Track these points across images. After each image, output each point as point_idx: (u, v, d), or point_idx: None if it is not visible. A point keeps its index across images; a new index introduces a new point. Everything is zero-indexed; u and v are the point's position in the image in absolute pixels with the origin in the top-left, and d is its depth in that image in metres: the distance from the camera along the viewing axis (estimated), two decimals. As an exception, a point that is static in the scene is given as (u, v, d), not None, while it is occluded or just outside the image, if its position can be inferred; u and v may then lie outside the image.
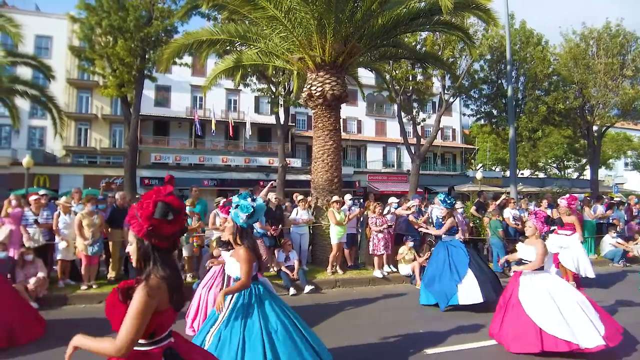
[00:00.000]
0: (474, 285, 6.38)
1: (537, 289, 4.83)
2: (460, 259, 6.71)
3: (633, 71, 23.24)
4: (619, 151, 46.02)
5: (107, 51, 15.73)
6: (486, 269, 6.81)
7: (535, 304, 4.72)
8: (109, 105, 32.19)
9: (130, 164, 17.20)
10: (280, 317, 3.70)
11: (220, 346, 3.46)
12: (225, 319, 3.63)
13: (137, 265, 2.13)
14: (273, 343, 3.49)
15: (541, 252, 4.90)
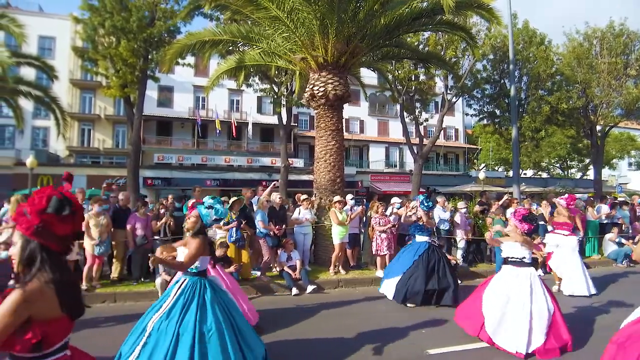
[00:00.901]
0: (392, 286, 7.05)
1: (504, 282, 5.02)
2: (408, 257, 7.21)
3: (637, 71, 23.11)
4: (623, 151, 45.81)
5: (110, 52, 15.76)
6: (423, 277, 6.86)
7: (493, 293, 5.00)
8: (112, 105, 32.29)
9: (133, 164, 17.23)
10: (218, 317, 3.71)
11: (157, 337, 3.53)
12: (168, 310, 3.68)
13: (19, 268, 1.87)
14: (204, 343, 3.52)
15: (521, 240, 5.02)
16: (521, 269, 5.00)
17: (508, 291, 4.91)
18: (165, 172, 29.03)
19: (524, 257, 5.01)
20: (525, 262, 5.01)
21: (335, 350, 4.98)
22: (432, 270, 6.95)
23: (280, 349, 4.97)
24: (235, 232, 8.04)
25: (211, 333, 3.57)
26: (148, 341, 3.54)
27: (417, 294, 6.78)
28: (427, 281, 6.83)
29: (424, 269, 6.91)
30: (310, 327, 5.78)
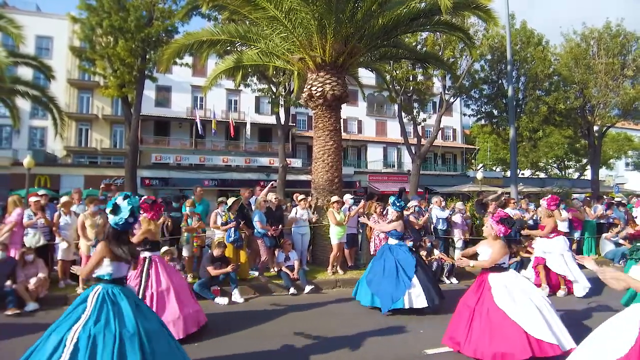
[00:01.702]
0: (419, 291, 6.36)
1: (511, 290, 4.66)
2: (407, 262, 6.61)
3: (634, 71, 23.21)
4: (620, 151, 45.96)
5: (108, 51, 15.75)
6: (431, 274, 6.78)
7: (517, 307, 4.51)
8: (109, 105, 32.24)
9: (131, 164, 17.22)
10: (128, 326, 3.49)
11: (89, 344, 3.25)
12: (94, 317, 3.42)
13: None
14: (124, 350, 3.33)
15: (497, 252, 4.79)
16: (502, 274, 4.82)
17: (521, 294, 4.62)
18: (163, 172, 28.98)
19: (503, 262, 4.84)
20: (504, 268, 4.86)
21: (333, 349, 4.98)
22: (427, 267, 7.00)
23: (277, 348, 4.97)
24: (234, 233, 8.04)
25: (132, 338, 3.40)
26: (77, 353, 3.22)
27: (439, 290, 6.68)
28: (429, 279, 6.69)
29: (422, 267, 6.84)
30: (307, 327, 5.78)
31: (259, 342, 5.20)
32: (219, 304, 6.98)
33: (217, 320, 6.12)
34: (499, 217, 4.95)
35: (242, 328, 5.80)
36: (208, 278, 7.23)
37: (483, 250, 5.05)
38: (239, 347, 5.04)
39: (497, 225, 4.86)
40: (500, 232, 4.86)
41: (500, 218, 4.92)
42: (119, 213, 3.73)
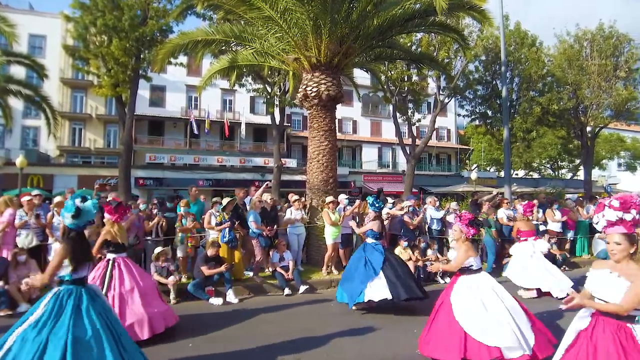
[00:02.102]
0: (382, 284, 6.34)
1: (470, 291, 4.62)
2: (375, 258, 6.61)
3: (626, 72, 23.39)
4: (612, 152, 46.32)
5: (102, 50, 15.64)
6: (401, 271, 6.59)
7: (465, 306, 4.51)
8: (103, 105, 32.05)
9: (125, 164, 17.11)
10: (95, 325, 3.48)
11: (20, 347, 3.23)
12: (36, 320, 3.41)
13: None
14: (78, 351, 3.28)
15: (461, 255, 4.73)
16: (475, 275, 4.74)
17: (476, 296, 4.56)
18: (157, 172, 28.85)
19: (470, 265, 4.75)
20: (473, 270, 4.76)
21: (323, 349, 4.99)
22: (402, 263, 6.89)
23: (272, 348, 4.97)
24: (228, 233, 8.02)
25: (88, 340, 3.36)
26: (7, 354, 3.22)
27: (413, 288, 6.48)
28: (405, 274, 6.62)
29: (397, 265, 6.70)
30: (300, 327, 5.79)
31: (246, 342, 5.20)
32: (214, 305, 6.96)
33: (209, 321, 6.11)
34: (467, 219, 4.88)
35: (234, 328, 5.80)
36: (202, 278, 7.22)
37: (453, 254, 5.00)
38: (224, 347, 5.03)
39: (467, 228, 4.81)
40: (469, 234, 4.81)
41: (469, 220, 4.87)
42: (82, 216, 3.71)
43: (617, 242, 2.93)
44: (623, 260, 2.92)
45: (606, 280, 2.93)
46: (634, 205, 2.94)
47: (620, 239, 2.93)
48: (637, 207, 2.94)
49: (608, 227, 3.01)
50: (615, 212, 2.95)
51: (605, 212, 3.00)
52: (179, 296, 7.13)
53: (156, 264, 7.15)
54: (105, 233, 5.41)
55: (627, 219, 2.92)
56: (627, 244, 2.91)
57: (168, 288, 7.06)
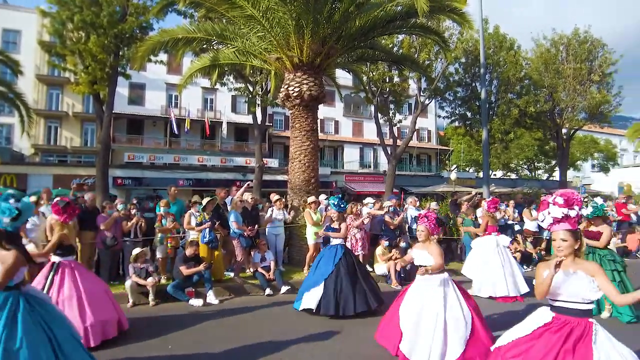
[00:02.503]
0: (317, 295, 6.28)
1: (418, 292, 4.59)
2: (325, 266, 6.48)
3: (600, 76, 24.14)
4: (586, 153, 47.67)
5: (79, 47, 15.28)
6: (346, 284, 6.32)
7: (408, 310, 4.54)
8: (80, 102, 31.32)
9: (103, 163, 16.76)
10: (31, 333, 3.30)
11: None
12: None
13: None
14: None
15: (437, 252, 4.63)
16: (433, 276, 4.60)
17: (422, 301, 4.50)
18: (136, 171, 28.37)
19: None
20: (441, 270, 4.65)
21: (312, 348, 4.99)
22: (353, 274, 6.55)
23: (253, 348, 4.95)
24: (209, 233, 7.95)
25: (20, 349, 3.19)
26: None
27: (347, 302, 6.27)
28: (353, 287, 6.39)
29: (347, 273, 6.46)
30: (284, 327, 5.78)
31: (227, 343, 5.16)
32: (194, 306, 6.89)
33: (189, 322, 6.04)
34: (434, 218, 4.78)
35: (214, 330, 5.75)
36: (182, 279, 7.14)
37: (418, 254, 4.78)
38: (205, 349, 4.99)
39: (435, 227, 4.77)
40: (433, 232, 4.77)
41: (436, 219, 4.79)
42: (22, 216, 3.53)
43: (563, 238, 2.96)
44: (569, 257, 2.95)
45: (566, 279, 2.93)
46: (577, 201, 2.96)
47: (566, 235, 2.96)
48: (579, 203, 2.97)
49: (554, 225, 3.01)
50: (561, 209, 2.95)
51: (550, 210, 3.00)
52: (159, 297, 7.03)
53: (135, 265, 7.03)
54: (60, 235, 5.09)
55: (571, 215, 2.94)
56: (573, 240, 2.95)
57: (147, 289, 6.96)
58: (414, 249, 4.96)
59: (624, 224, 13.77)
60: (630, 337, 5.31)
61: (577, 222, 2.97)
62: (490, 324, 4.84)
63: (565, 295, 2.91)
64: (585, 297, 2.86)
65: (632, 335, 5.34)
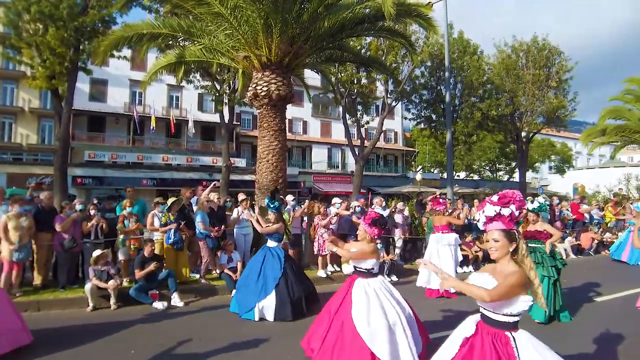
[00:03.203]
0: (271, 304, 6.13)
1: (372, 301, 4.28)
2: (271, 271, 6.32)
3: (557, 82, 25.26)
4: (544, 156, 49.84)
5: (36, 40, 14.57)
6: (296, 288, 6.33)
7: (372, 322, 4.13)
8: (37, 98, 29.91)
9: (61, 161, 16.05)
10: None
11: None
12: None
13: None
14: None
15: (361, 250, 4.45)
16: (370, 279, 4.43)
17: (380, 304, 4.24)
18: (97, 170, 27.43)
19: (372, 268, 4.46)
20: (373, 273, 4.47)
21: (280, 348, 4.97)
22: (299, 275, 6.60)
23: (219, 351, 4.88)
24: (174, 234, 7.78)
25: None
26: None
27: (301, 304, 6.27)
28: (303, 287, 6.43)
29: (294, 275, 6.44)
30: (251, 329, 5.73)
31: (192, 346, 5.08)
32: (157, 309, 6.72)
33: (152, 326, 5.91)
34: (370, 219, 4.56)
35: (179, 333, 5.63)
36: (145, 282, 6.95)
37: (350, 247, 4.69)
38: (169, 352, 4.89)
39: (370, 228, 4.52)
40: (373, 235, 4.52)
41: (372, 220, 4.55)
42: None
43: (495, 238, 2.72)
44: (503, 260, 2.71)
45: (483, 283, 2.70)
46: (513, 200, 2.73)
47: (498, 235, 2.72)
48: (517, 202, 2.73)
49: (487, 224, 2.79)
50: (494, 207, 2.74)
51: (485, 208, 2.79)
52: (120, 301, 6.81)
53: (95, 268, 6.78)
54: None
55: (504, 214, 2.71)
56: (506, 240, 2.70)
57: (108, 293, 6.74)
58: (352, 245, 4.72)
59: (579, 223, 14.48)
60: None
61: (512, 221, 2.73)
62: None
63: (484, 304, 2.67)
64: (495, 307, 2.60)
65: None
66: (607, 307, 7.11)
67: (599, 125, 27.50)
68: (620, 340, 5.26)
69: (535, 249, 6.28)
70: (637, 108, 25.98)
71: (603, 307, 7.12)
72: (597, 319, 6.37)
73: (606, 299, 7.57)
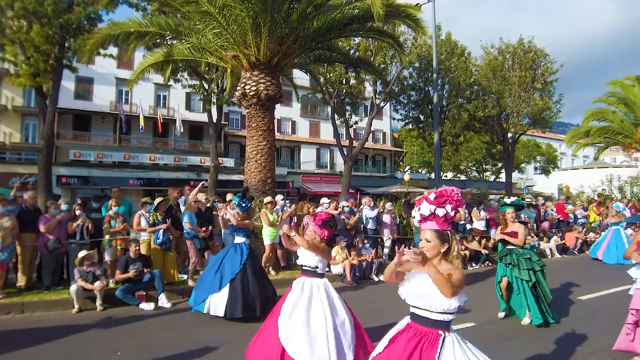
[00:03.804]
0: (223, 299, 5.97)
1: (302, 296, 4.18)
2: (230, 267, 6.13)
3: (542, 84, 25.63)
4: (530, 156, 50.57)
5: (20, 36, 14.30)
6: (252, 286, 6.13)
7: (291, 318, 4.03)
8: (20, 95, 29.36)
9: (45, 160, 15.79)
10: None
11: None
12: None
13: None
14: None
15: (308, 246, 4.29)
16: (314, 279, 4.29)
17: (307, 306, 4.11)
18: (82, 170, 27.04)
19: (316, 266, 4.30)
20: (318, 273, 4.30)
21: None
22: (260, 275, 6.43)
23: (206, 351, 4.84)
24: (162, 234, 7.71)
25: None
26: None
27: (254, 304, 6.06)
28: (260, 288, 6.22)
29: (253, 274, 6.25)
30: (238, 329, 5.70)
31: (179, 347, 5.04)
32: (144, 310, 6.66)
33: (139, 327, 5.85)
34: (321, 220, 4.41)
35: (166, 334, 5.59)
36: (131, 282, 6.88)
37: (303, 254, 4.42)
38: (155, 354, 4.84)
39: (320, 229, 4.38)
40: (324, 236, 4.38)
41: (323, 221, 4.40)
42: None
43: (427, 239, 2.60)
44: (434, 260, 2.56)
45: (420, 282, 2.56)
46: (450, 200, 2.59)
47: (430, 235, 2.59)
48: (454, 202, 2.59)
49: (421, 222, 2.66)
50: (429, 205, 2.60)
51: (421, 206, 2.65)
52: (107, 302, 6.72)
53: (80, 269, 6.68)
54: None
55: (439, 214, 2.57)
56: (438, 241, 2.58)
57: (94, 294, 6.64)
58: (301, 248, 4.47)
59: (563, 223, 14.71)
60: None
61: (447, 222, 2.59)
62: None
63: (416, 301, 2.57)
64: (432, 305, 2.48)
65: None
66: (592, 304, 7.24)
67: (583, 126, 27.99)
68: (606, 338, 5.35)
69: (512, 250, 6.10)
70: (620, 110, 26.52)
71: (588, 304, 7.25)
72: (582, 316, 6.47)
73: (591, 297, 7.70)
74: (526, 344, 5.23)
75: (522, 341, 5.38)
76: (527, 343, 5.29)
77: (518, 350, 4.99)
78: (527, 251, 6.19)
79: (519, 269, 5.93)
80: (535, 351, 4.97)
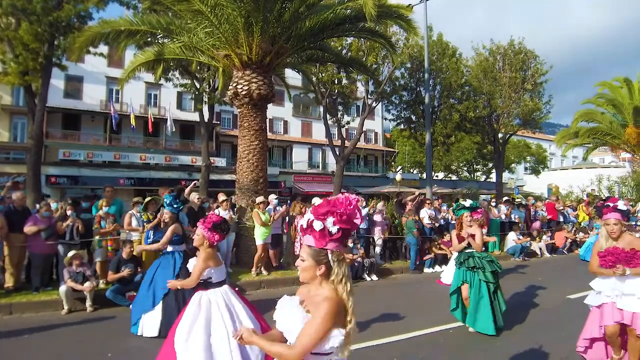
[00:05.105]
0: (157, 319, 5.41)
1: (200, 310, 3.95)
2: (163, 281, 5.26)
3: (532, 85, 25.87)
4: (520, 157, 51.03)
5: (9, 34, 14.11)
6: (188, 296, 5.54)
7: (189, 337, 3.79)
8: (9, 94, 28.97)
9: (34, 160, 15.61)
10: None
11: None
12: None
13: None
14: None
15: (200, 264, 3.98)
16: (210, 291, 4.05)
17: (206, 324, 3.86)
18: (72, 169, 26.77)
19: (209, 277, 4.04)
20: (211, 283, 4.05)
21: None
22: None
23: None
24: (154, 234, 7.65)
25: None
26: None
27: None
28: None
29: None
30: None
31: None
32: (135, 310, 6.60)
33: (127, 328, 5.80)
34: (211, 222, 4.08)
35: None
36: (122, 283, 6.83)
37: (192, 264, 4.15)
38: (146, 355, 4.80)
39: (210, 233, 4.06)
40: (213, 240, 4.09)
41: (213, 224, 4.07)
42: None
43: (302, 258, 2.03)
44: (312, 285, 2.03)
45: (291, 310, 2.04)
46: (333, 213, 1.97)
47: (304, 253, 2.03)
48: (337, 215, 1.97)
49: (302, 235, 2.07)
50: (309, 215, 2.02)
51: (306, 215, 2.06)
52: (97, 303, 6.67)
53: (70, 269, 6.62)
54: None
55: (315, 227, 1.96)
56: (312, 261, 1.98)
57: (84, 295, 6.58)
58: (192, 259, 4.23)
59: (553, 223, 14.88)
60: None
61: (325, 239, 1.96)
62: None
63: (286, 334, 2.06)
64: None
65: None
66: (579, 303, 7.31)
67: (572, 127, 28.31)
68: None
69: (472, 253, 5.76)
70: (608, 111, 26.87)
71: (575, 303, 7.33)
72: (570, 314, 6.55)
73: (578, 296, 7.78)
74: (520, 342, 5.28)
75: (511, 340, 5.43)
76: (519, 342, 5.33)
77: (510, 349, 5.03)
78: (487, 254, 5.95)
79: (484, 271, 5.57)
80: (529, 346, 5.02)
